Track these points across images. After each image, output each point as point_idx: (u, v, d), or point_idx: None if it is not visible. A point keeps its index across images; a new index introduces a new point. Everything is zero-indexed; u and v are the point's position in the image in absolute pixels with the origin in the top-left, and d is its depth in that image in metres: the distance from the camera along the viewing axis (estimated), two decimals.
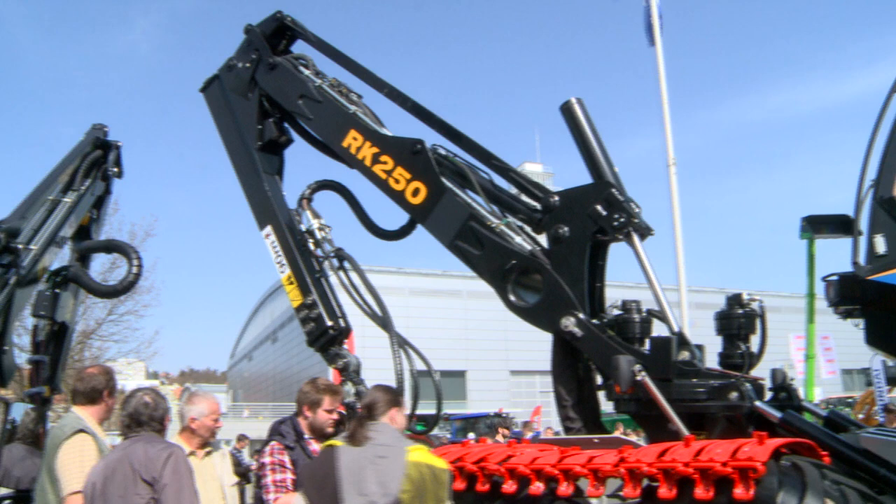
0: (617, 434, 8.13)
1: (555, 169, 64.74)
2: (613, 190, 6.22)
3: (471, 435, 25.39)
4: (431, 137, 7.16)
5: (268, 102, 8.20)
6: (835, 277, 5.71)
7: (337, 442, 4.54)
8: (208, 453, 5.81)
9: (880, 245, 5.18)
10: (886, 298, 5.27)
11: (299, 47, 8.49)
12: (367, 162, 7.33)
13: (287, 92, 8.01)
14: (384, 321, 6.89)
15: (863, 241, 5.30)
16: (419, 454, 4.48)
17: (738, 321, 6.21)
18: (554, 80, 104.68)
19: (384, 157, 7.23)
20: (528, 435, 20.48)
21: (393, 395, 4.88)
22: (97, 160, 7.74)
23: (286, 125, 8.32)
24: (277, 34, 8.38)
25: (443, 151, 7.09)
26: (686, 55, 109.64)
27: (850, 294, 5.58)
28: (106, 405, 5.41)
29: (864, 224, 5.36)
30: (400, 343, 6.74)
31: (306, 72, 8.03)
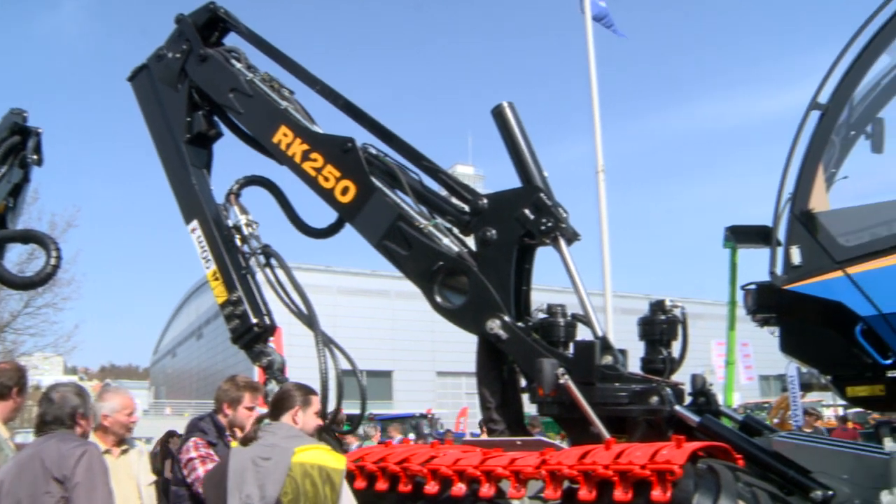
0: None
1: (486, 172, 65.15)
2: (542, 194, 6.28)
3: (411, 436, 25.26)
4: (363, 136, 7.13)
5: (197, 95, 8.03)
6: (753, 287, 5.86)
7: (234, 443, 4.48)
8: (124, 451, 5.69)
9: (796, 256, 5.33)
10: (800, 308, 5.42)
11: (232, 40, 8.34)
12: (297, 159, 7.25)
13: (218, 85, 7.86)
14: (310, 319, 6.83)
15: (780, 252, 5.45)
16: (310, 455, 4.43)
17: (660, 327, 6.31)
18: (488, 84, 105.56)
19: (314, 155, 7.16)
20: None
21: (302, 395, 4.81)
22: (14, 146, 7.51)
23: (216, 119, 8.17)
24: (210, 25, 8.20)
25: (373, 151, 7.05)
26: (619, 65, 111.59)
27: (766, 303, 5.73)
28: (14, 403, 5.24)
29: (782, 236, 5.52)
30: (325, 342, 6.69)
31: (238, 65, 7.89)
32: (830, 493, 5.09)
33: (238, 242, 7.50)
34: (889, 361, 5.09)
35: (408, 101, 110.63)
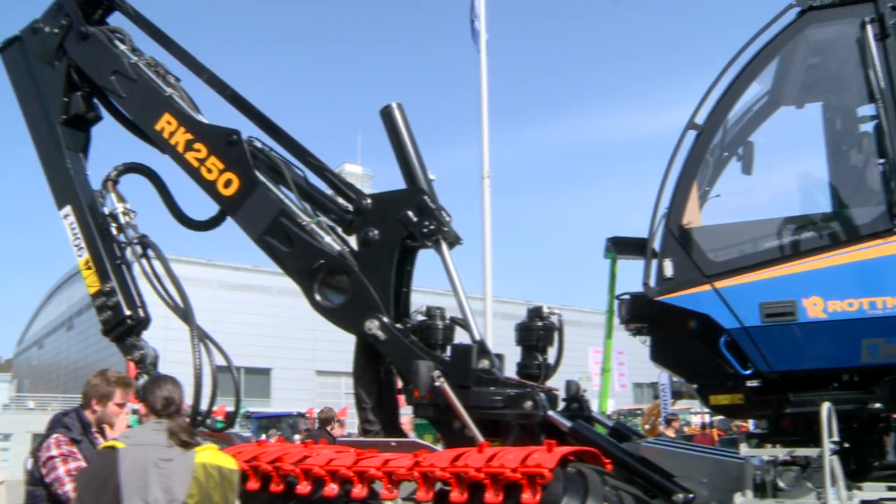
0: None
1: (375, 172, 64.76)
2: (426, 197, 6.32)
3: (297, 437, 24.77)
4: (249, 129, 7.00)
5: (76, 74, 7.64)
6: (627, 297, 6.07)
7: (118, 444, 4.28)
8: None
9: (668, 269, 5.53)
10: (670, 319, 5.63)
11: (116, 20, 7.99)
12: (180, 148, 7.05)
13: (99, 66, 7.53)
14: (185, 313, 6.64)
15: (654, 264, 5.65)
16: (208, 455, 4.34)
17: (537, 333, 6.43)
18: (381, 85, 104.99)
19: (198, 145, 6.98)
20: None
21: (180, 392, 4.67)
22: None
23: (95, 101, 7.81)
24: (93, 2, 7.82)
25: (259, 144, 6.93)
26: (516, 75, 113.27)
27: (639, 313, 5.93)
28: None
29: (656, 249, 5.72)
30: (200, 337, 6.52)
31: (122, 46, 7.56)
32: (691, 495, 5.33)
33: (114, 231, 7.19)
34: (749, 372, 5.36)
35: (299, 97, 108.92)
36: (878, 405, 5.28)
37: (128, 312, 6.94)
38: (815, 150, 6.34)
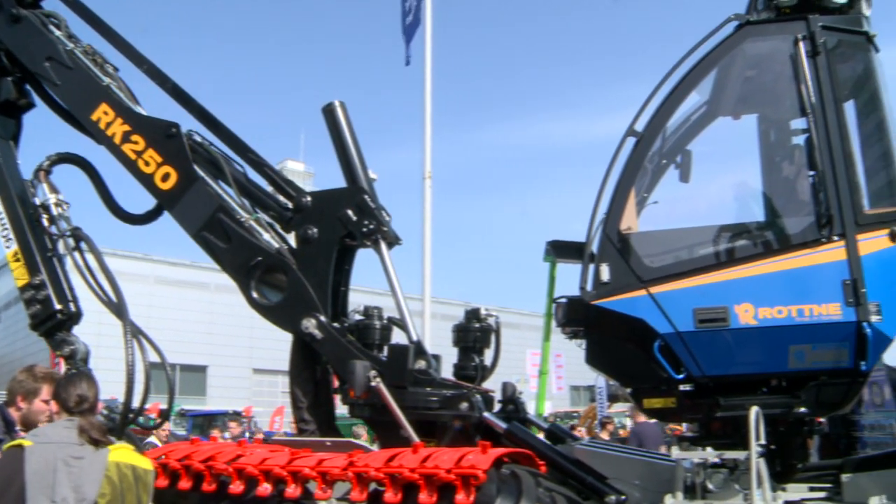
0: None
1: (317, 170, 64.13)
2: (366, 196, 6.31)
3: (250, 435, 24.29)
4: (188, 123, 6.90)
5: (7, 58, 7.38)
6: (563, 300, 6.13)
7: (25, 441, 4.16)
8: None
9: (605, 273, 5.60)
10: (606, 323, 5.71)
11: (52, 5, 7.77)
12: (117, 140, 6.90)
13: (32, 51, 7.28)
14: (119, 308, 6.49)
15: (591, 268, 5.72)
16: (122, 454, 4.26)
17: (474, 334, 6.45)
18: (326, 83, 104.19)
19: (136, 137, 6.83)
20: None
21: (95, 391, 4.54)
22: None
23: (27, 87, 7.56)
24: None
25: (198, 138, 6.82)
26: (462, 77, 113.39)
27: (575, 316, 5.99)
28: None
29: (594, 253, 5.78)
30: (134, 333, 6.38)
31: (57, 32, 7.32)
32: (623, 497, 5.41)
33: (45, 223, 7.00)
34: (681, 376, 5.46)
35: (242, 93, 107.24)
36: (803, 409, 5.44)
37: (58, 307, 6.76)
38: (751, 160, 6.52)
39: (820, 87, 5.50)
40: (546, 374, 17.13)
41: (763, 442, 5.03)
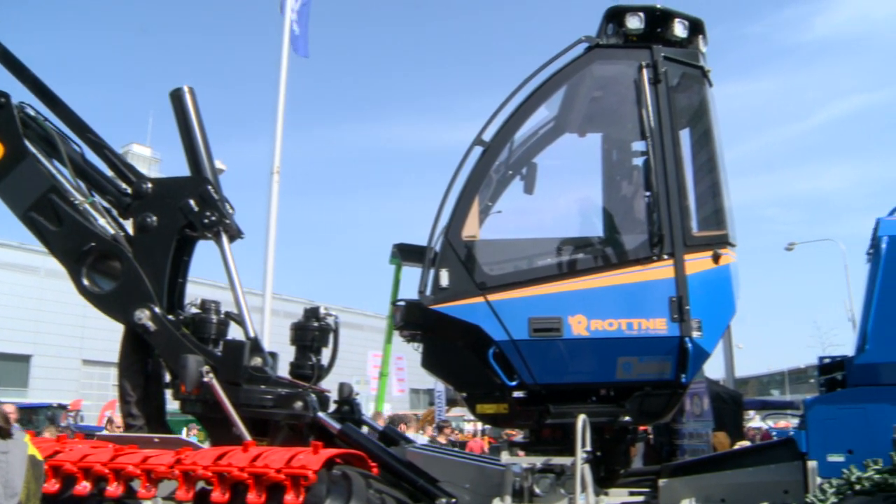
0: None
1: (164, 156, 61.86)
2: (209, 187, 6.18)
3: (71, 432, 22.81)
4: (21, 94, 6.51)
5: None
6: (402, 303, 6.17)
7: None
8: None
9: (444, 279, 5.68)
10: (442, 327, 5.78)
11: None
12: None
13: None
14: None
15: (431, 273, 5.78)
16: (29, 445, 4.14)
17: (312, 333, 6.42)
18: (179, 67, 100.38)
19: None
20: None
21: None
22: None
23: None
24: None
25: (31, 112, 6.47)
26: (321, 76, 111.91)
27: (413, 320, 6.04)
28: None
29: (435, 258, 5.84)
30: None
31: None
32: (454, 500, 5.52)
33: None
34: (514, 383, 5.60)
35: (88, 68, 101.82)
36: (627, 418, 5.71)
37: None
38: (593, 176, 6.77)
39: (659, 113, 5.79)
40: (386, 376, 17.22)
41: (589, 448, 5.23)
